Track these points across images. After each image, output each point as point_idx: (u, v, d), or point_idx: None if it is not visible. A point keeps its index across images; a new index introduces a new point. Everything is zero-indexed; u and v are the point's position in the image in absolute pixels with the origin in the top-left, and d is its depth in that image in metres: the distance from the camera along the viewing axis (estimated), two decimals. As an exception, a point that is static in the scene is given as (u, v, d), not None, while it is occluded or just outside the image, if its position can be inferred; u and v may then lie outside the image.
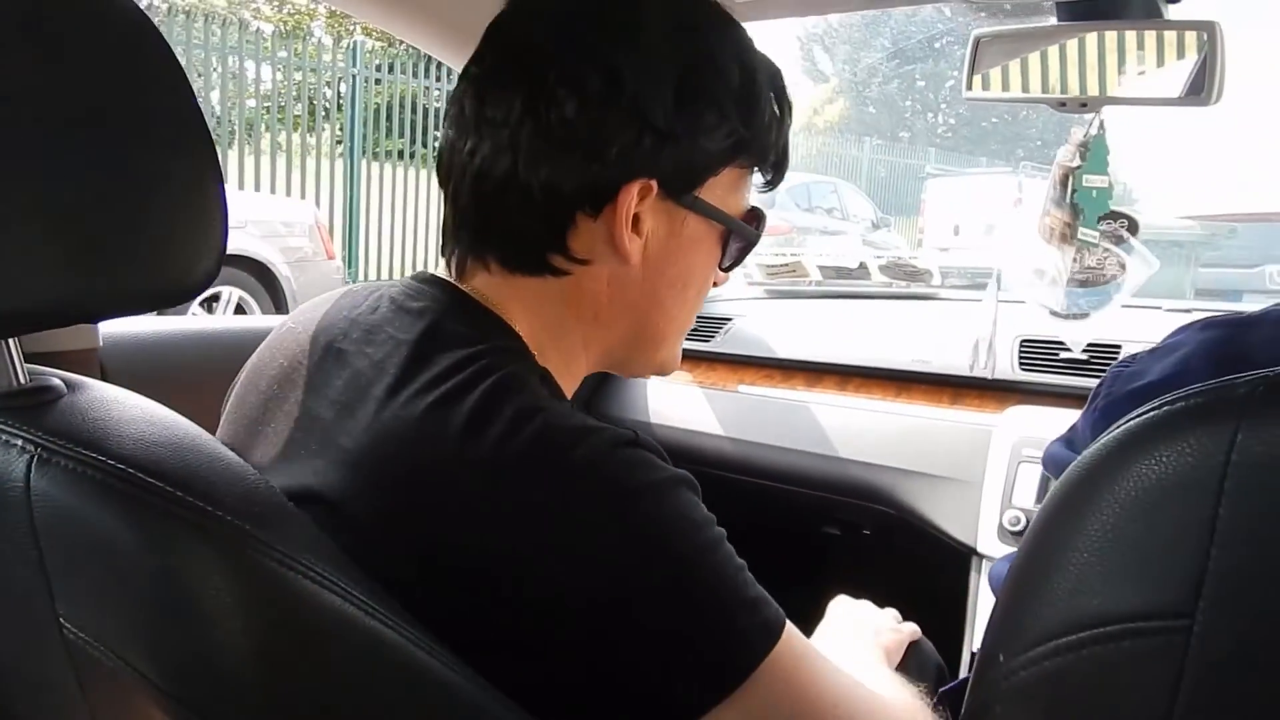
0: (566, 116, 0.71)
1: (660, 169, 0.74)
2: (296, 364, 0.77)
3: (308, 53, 8.64)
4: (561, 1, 0.76)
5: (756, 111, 0.78)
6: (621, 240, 0.74)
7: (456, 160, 0.77)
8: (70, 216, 0.55)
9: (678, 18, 0.75)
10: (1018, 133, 16.85)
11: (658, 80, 0.72)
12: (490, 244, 0.76)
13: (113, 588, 0.54)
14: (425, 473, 0.64)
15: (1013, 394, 1.55)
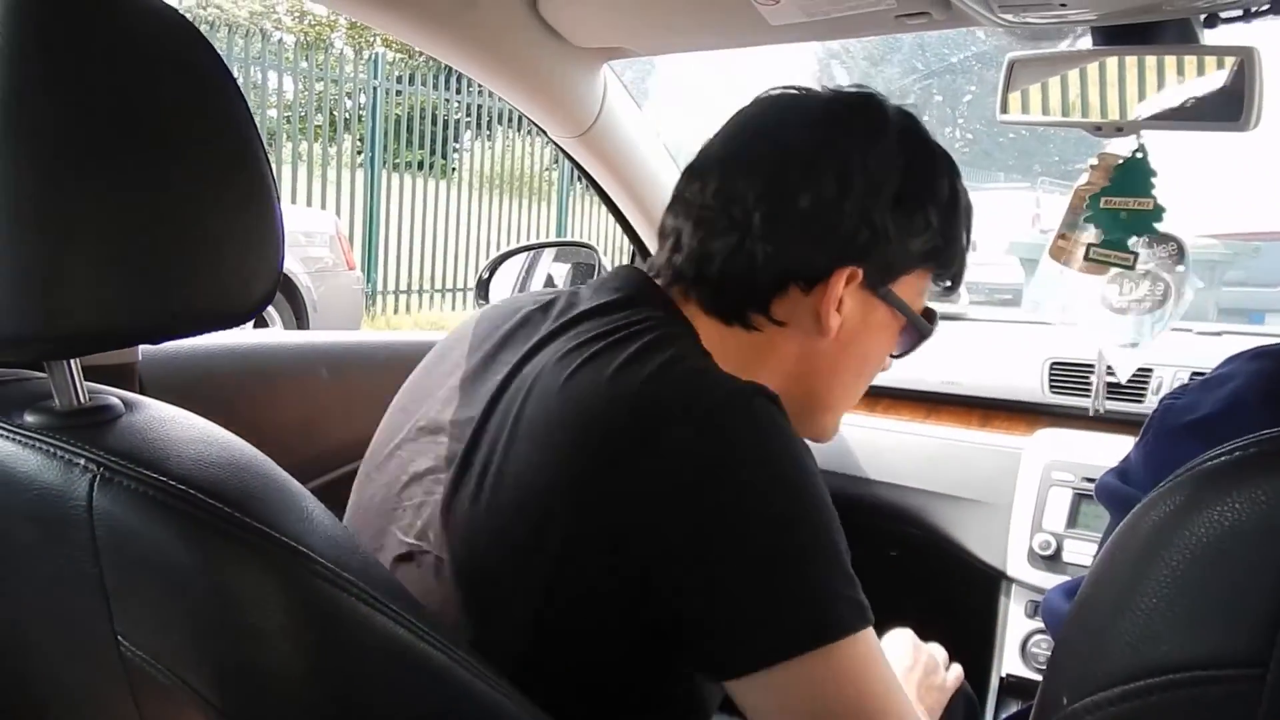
0: (800, 207, 0.82)
1: (869, 260, 0.85)
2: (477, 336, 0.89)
3: (329, 64, 8.70)
4: (807, 111, 0.88)
5: (954, 226, 0.90)
6: (827, 315, 0.84)
7: (684, 220, 0.87)
8: (133, 240, 0.55)
9: (904, 137, 0.87)
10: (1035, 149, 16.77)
11: (882, 186, 0.84)
12: (698, 287, 0.86)
13: (170, 606, 0.54)
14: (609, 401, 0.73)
15: (1042, 416, 1.55)
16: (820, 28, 1.22)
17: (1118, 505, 0.74)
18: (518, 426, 0.76)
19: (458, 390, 0.85)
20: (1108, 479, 0.77)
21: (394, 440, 0.88)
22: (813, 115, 0.88)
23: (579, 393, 0.74)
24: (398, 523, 0.82)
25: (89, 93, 0.54)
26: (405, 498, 0.83)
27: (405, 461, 0.85)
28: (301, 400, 1.41)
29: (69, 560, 0.55)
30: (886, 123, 0.87)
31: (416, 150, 9.00)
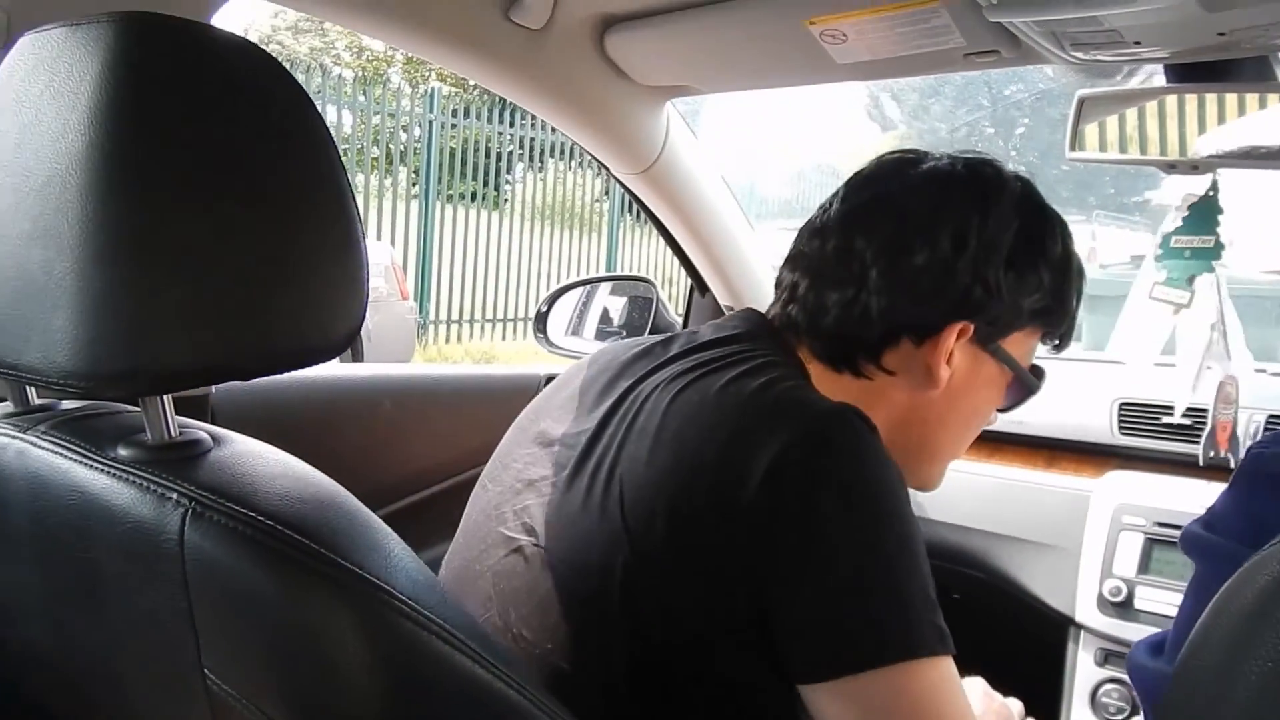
0: (916, 264, 0.85)
1: (981, 316, 0.87)
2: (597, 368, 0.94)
3: (386, 98, 8.85)
4: (924, 173, 0.91)
5: (1065, 287, 0.92)
6: (937, 367, 0.87)
7: (800, 274, 0.91)
8: (226, 279, 0.56)
9: (1020, 199, 0.90)
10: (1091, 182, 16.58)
11: (997, 246, 0.86)
12: (811, 335, 0.89)
13: (255, 640, 0.55)
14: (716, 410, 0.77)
15: (1111, 458, 1.52)
16: (886, 66, 1.22)
17: (1207, 557, 0.72)
18: (629, 434, 0.80)
19: (574, 409, 0.90)
20: (1194, 529, 0.76)
21: (511, 452, 0.93)
22: (933, 178, 0.91)
23: (687, 403, 0.79)
24: (505, 524, 0.86)
25: (184, 133, 0.55)
26: (517, 503, 0.87)
27: (519, 471, 0.89)
28: (365, 432, 1.43)
29: (161, 593, 0.56)
30: (1003, 187, 0.90)
31: (469, 182, 9.11)
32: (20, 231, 0.56)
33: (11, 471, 0.63)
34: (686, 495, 0.74)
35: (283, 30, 14.59)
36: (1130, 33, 0.99)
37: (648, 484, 0.76)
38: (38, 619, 0.66)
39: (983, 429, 0.99)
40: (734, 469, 0.72)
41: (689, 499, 0.73)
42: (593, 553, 0.77)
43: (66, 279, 0.54)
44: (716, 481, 0.73)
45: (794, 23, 1.15)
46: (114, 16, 0.55)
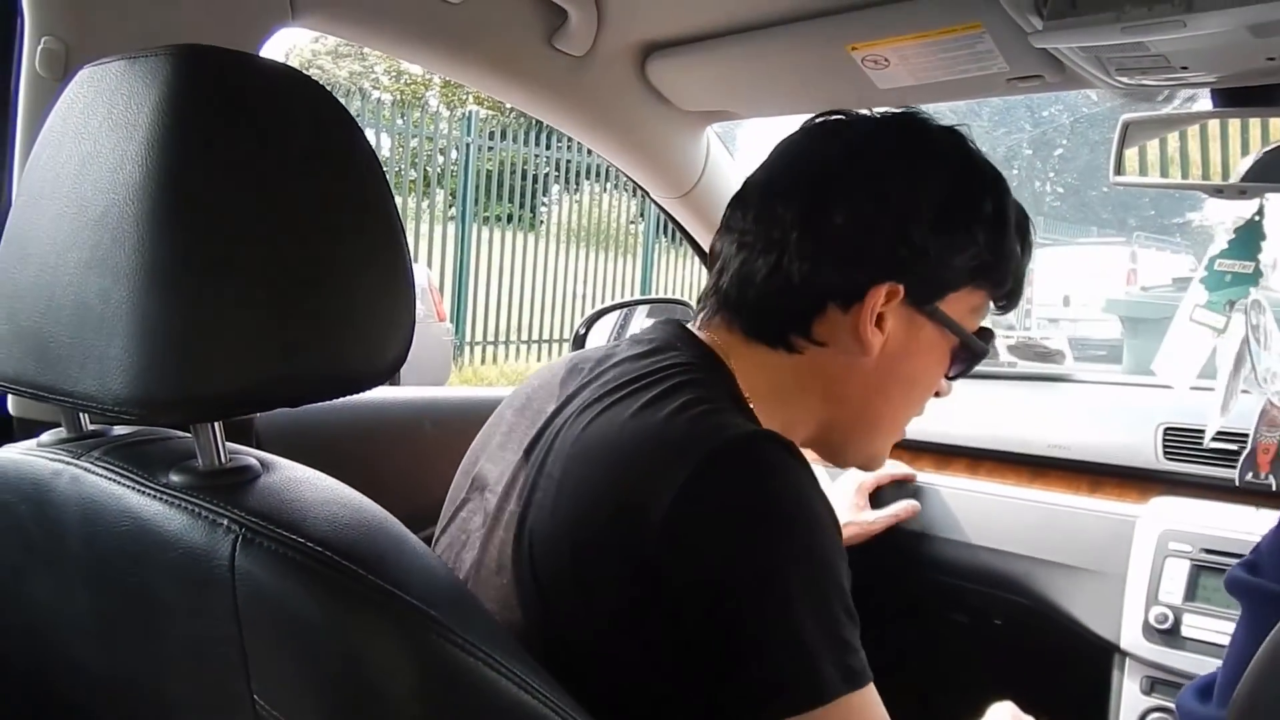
0: (835, 224, 0.82)
1: (909, 277, 0.84)
2: (534, 389, 0.90)
3: (424, 121, 8.95)
4: (845, 132, 0.89)
5: (1001, 242, 0.88)
6: (865, 332, 0.83)
7: (729, 245, 0.88)
8: (278, 307, 0.57)
9: (944, 155, 0.87)
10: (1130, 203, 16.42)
11: (921, 206, 0.83)
12: (740, 313, 0.86)
13: (304, 666, 0.55)
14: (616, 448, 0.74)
15: (1156, 484, 1.49)
16: (928, 91, 1.22)
17: (1253, 599, 0.72)
18: (539, 479, 0.77)
19: (505, 446, 0.86)
20: (1238, 573, 0.75)
21: (455, 500, 0.90)
22: (855, 138, 0.88)
23: (593, 440, 0.76)
24: None
25: (237, 163, 0.57)
26: (460, 559, 0.83)
27: (464, 521, 0.86)
28: (407, 454, 1.44)
29: (211, 619, 0.56)
30: (929, 142, 0.87)
31: (506, 204, 9.18)
32: (79, 260, 0.57)
33: (66, 497, 0.64)
34: (592, 543, 0.71)
35: (323, 55, 14.82)
36: (1177, 58, 0.98)
37: (555, 536, 0.73)
38: (90, 642, 0.67)
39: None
40: (635, 510, 0.69)
41: (594, 546, 0.70)
42: (514, 613, 0.74)
43: (123, 307, 0.55)
44: (618, 524, 0.70)
45: (836, 48, 1.16)
46: (170, 50, 0.57)
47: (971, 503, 1.59)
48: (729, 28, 1.23)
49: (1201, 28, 0.87)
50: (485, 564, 0.78)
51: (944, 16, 1.06)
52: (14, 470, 0.68)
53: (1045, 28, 0.95)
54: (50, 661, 0.72)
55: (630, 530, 0.69)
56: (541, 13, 1.23)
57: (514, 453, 0.83)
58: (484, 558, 0.79)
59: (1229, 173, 1.14)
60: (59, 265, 0.58)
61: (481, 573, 0.78)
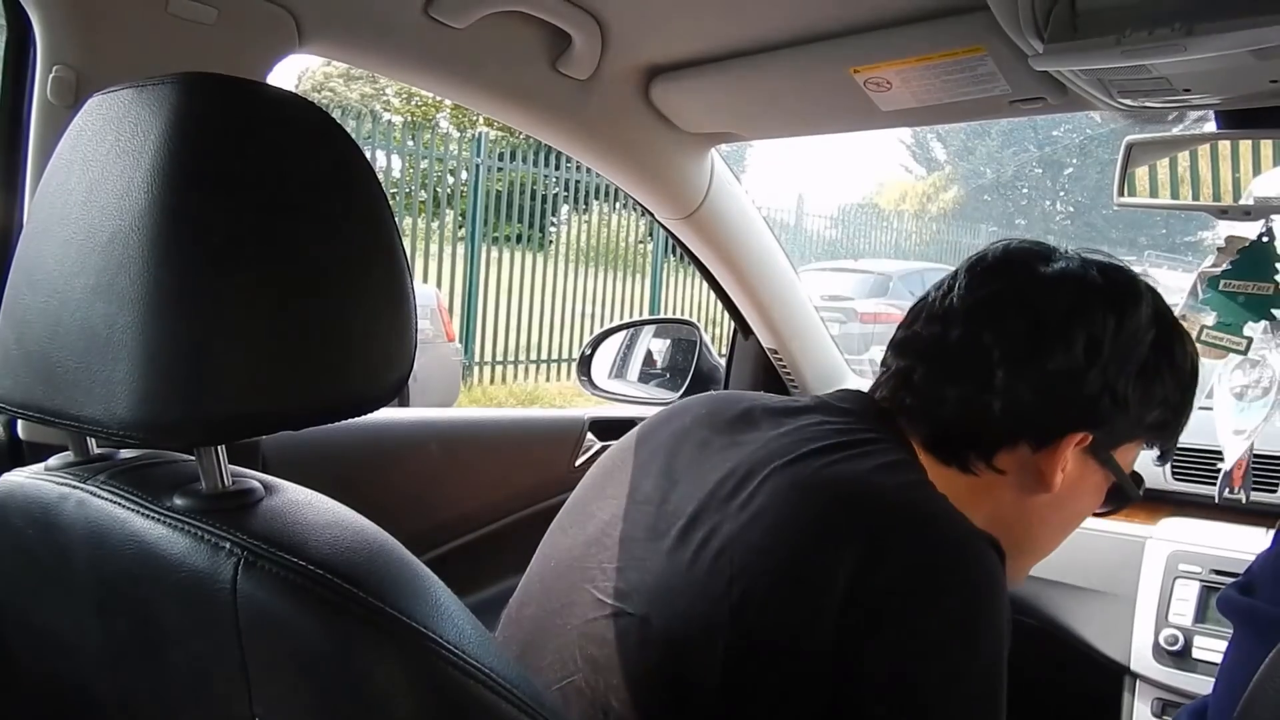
0: (1047, 369, 0.83)
1: (1103, 428, 0.85)
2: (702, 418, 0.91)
3: (434, 143, 9.00)
4: (1060, 272, 0.88)
5: (1186, 401, 0.91)
6: (1053, 475, 0.85)
7: (924, 354, 0.88)
8: (281, 330, 0.58)
9: (1154, 315, 0.88)
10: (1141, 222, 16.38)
11: (1131, 357, 0.84)
12: (923, 424, 0.86)
13: (305, 689, 0.55)
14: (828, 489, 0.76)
15: (1164, 505, 1.49)
16: (931, 113, 1.22)
17: (1245, 621, 0.71)
18: (742, 513, 0.77)
19: (663, 464, 0.88)
20: (1230, 593, 0.74)
21: (593, 500, 0.91)
22: (1066, 279, 0.87)
23: (810, 489, 0.76)
24: (594, 582, 0.83)
25: (240, 189, 0.57)
26: (605, 560, 0.84)
27: (604, 524, 0.87)
28: (412, 476, 1.44)
29: (214, 641, 0.56)
30: (1139, 295, 0.87)
31: (515, 224, 9.21)
32: (85, 286, 0.58)
33: (72, 520, 0.64)
34: (794, 589, 0.71)
35: (335, 77, 14.94)
36: (1180, 80, 0.98)
37: (760, 571, 0.73)
38: (95, 664, 0.67)
39: None
40: (850, 561, 0.70)
41: (795, 593, 0.71)
42: (693, 630, 0.74)
43: (128, 333, 0.55)
44: (822, 581, 0.70)
45: (839, 71, 1.16)
46: (176, 78, 0.58)
47: (979, 524, 1.58)
48: (732, 51, 1.24)
49: (1201, 50, 0.87)
50: (669, 578, 0.78)
51: (946, 40, 1.07)
52: (21, 494, 0.69)
53: (1046, 50, 0.95)
54: (57, 683, 0.72)
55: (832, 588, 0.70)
56: (546, 37, 1.24)
57: (693, 478, 0.84)
58: (666, 571, 0.78)
59: (1234, 194, 1.14)
60: (67, 291, 0.59)
61: (664, 585, 0.78)
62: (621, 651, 0.77)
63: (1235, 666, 0.70)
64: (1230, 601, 0.74)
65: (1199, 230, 15.73)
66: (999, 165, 17.52)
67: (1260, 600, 0.71)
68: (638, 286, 10.13)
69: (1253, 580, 0.73)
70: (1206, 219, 1.28)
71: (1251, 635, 0.70)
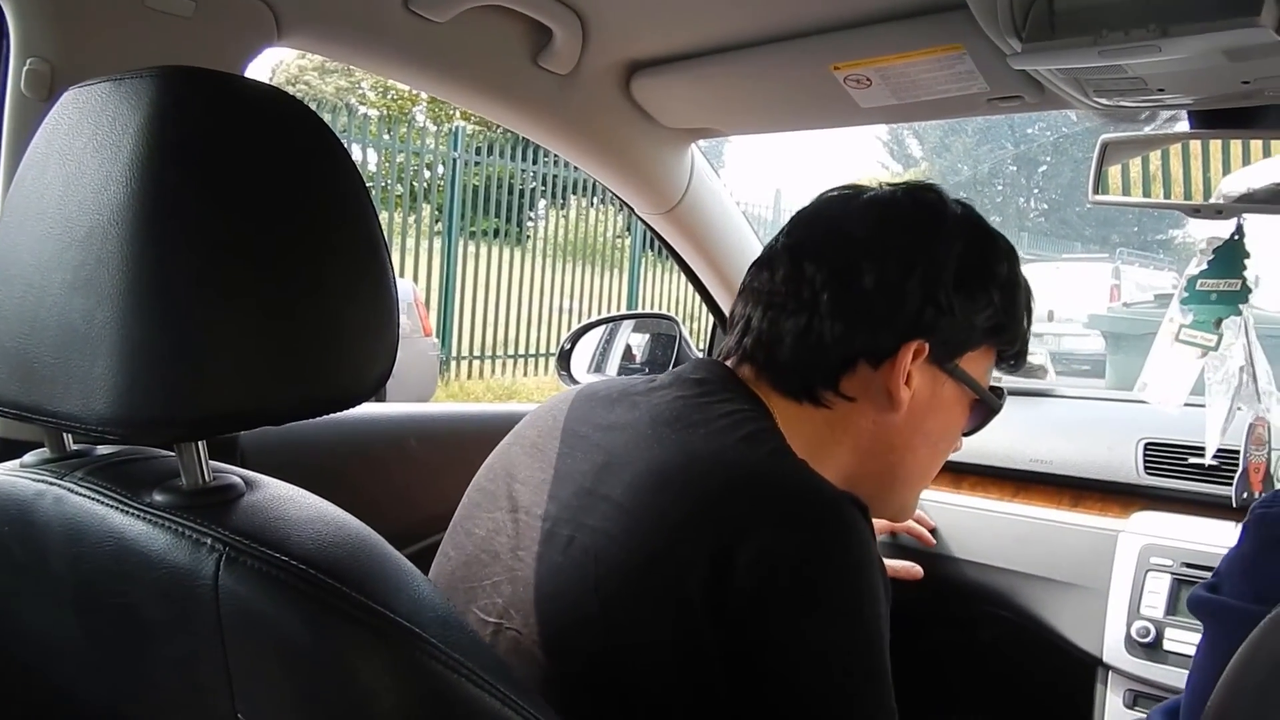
0: (865, 288, 0.87)
1: (934, 336, 0.88)
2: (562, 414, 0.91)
3: (410, 137, 8.95)
4: (870, 202, 0.93)
5: (1014, 303, 0.94)
6: (897, 389, 0.88)
7: (752, 306, 0.92)
8: (263, 327, 0.57)
9: (963, 223, 0.93)
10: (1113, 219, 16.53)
11: (944, 266, 0.88)
12: (767, 364, 0.90)
13: (288, 685, 0.55)
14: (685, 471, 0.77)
15: (1137, 499, 1.50)
16: (910, 110, 1.23)
17: (1214, 619, 0.72)
18: (601, 503, 0.78)
19: (540, 469, 0.87)
20: (1201, 593, 0.76)
21: (473, 516, 0.90)
22: (875, 205, 0.93)
23: (663, 467, 0.77)
24: (477, 601, 0.83)
25: (221, 183, 0.57)
26: (486, 576, 0.84)
27: (484, 539, 0.86)
28: (391, 470, 1.44)
29: (195, 638, 0.56)
30: (945, 210, 0.92)
31: (492, 219, 9.18)
32: (62, 281, 0.57)
33: (49, 517, 0.64)
34: (658, 580, 0.72)
35: (309, 71, 14.82)
36: (1154, 80, 0.99)
37: (622, 566, 0.74)
38: (75, 663, 0.67)
39: (950, 457, 1.01)
40: (711, 558, 0.71)
41: (660, 584, 0.72)
42: (568, 633, 0.75)
43: (107, 328, 0.55)
44: (687, 569, 0.71)
45: (819, 68, 1.17)
46: (154, 71, 0.57)
47: (955, 517, 1.60)
48: (713, 47, 1.24)
49: (1176, 52, 0.88)
50: (540, 587, 0.79)
51: (925, 38, 1.07)
52: None
53: (1024, 50, 0.96)
54: (35, 683, 0.71)
55: (705, 570, 0.70)
56: (527, 32, 1.23)
57: (560, 480, 0.84)
58: (530, 578, 0.79)
59: (1206, 193, 1.16)
60: (44, 286, 0.58)
61: (536, 595, 0.79)
62: (514, 667, 0.76)
63: (1206, 663, 0.71)
64: (1199, 599, 0.75)
65: (1170, 228, 15.90)
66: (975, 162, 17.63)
67: (1226, 597, 0.72)
68: (616, 281, 10.12)
69: (1219, 581, 0.74)
70: (1177, 218, 1.31)
71: (1219, 632, 0.72)
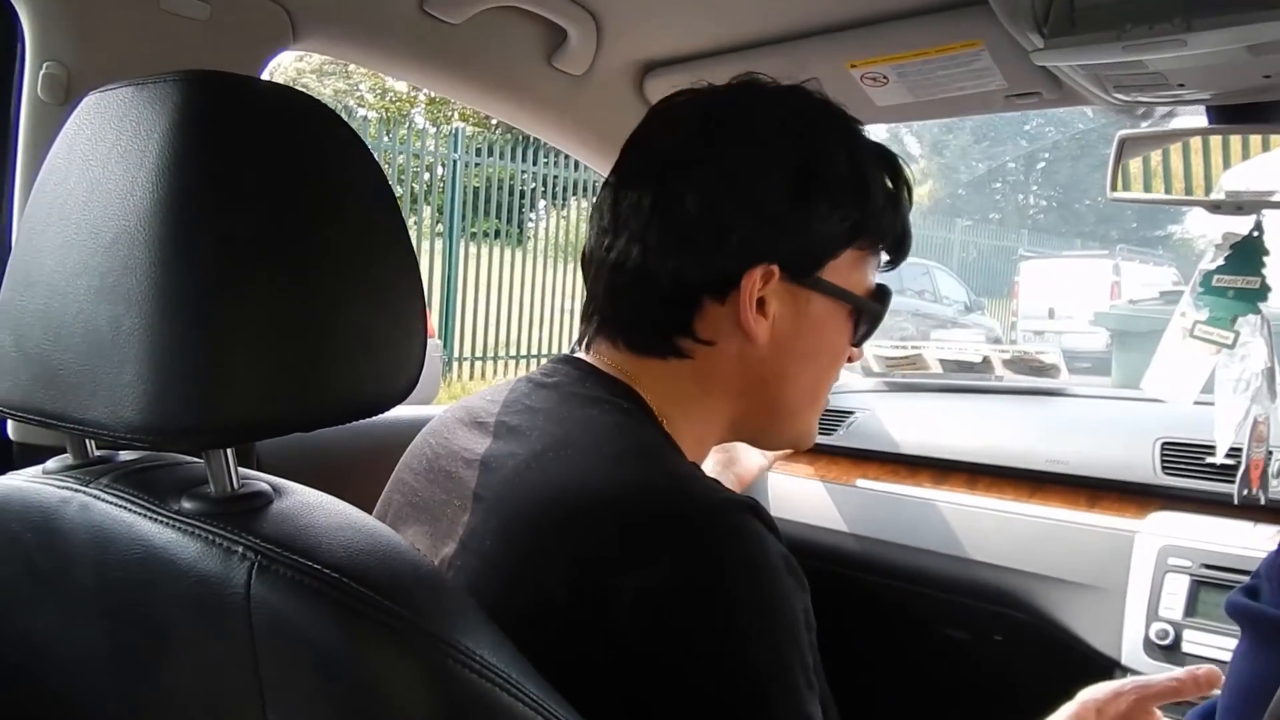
0: (689, 212, 0.78)
1: (780, 255, 0.79)
2: (442, 439, 0.85)
3: (410, 138, 8.96)
4: (684, 111, 0.84)
5: (869, 195, 0.83)
6: (748, 322, 0.79)
7: (595, 256, 0.84)
8: (291, 333, 0.57)
9: (786, 119, 0.82)
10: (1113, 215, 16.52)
11: (771, 177, 0.79)
12: (619, 328, 0.83)
13: (321, 694, 0.54)
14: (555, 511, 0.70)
15: (1154, 499, 1.50)
16: (927, 108, 1.22)
17: (1255, 626, 0.71)
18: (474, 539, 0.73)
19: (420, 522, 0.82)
20: (1239, 598, 0.75)
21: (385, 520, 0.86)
22: (688, 115, 0.84)
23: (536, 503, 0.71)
24: None
25: (248, 188, 0.56)
26: None
27: None
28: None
29: (226, 647, 0.55)
30: (769, 106, 0.83)
31: (493, 220, 9.18)
32: (88, 287, 0.56)
33: (74, 525, 0.63)
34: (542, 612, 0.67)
35: (308, 73, 14.82)
36: (1175, 76, 0.99)
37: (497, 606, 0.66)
38: (100, 672, 0.66)
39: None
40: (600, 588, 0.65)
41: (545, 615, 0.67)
42: None
43: (134, 334, 0.54)
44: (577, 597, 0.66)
45: (835, 66, 1.16)
46: (177, 75, 0.57)
47: (970, 518, 1.59)
48: (727, 46, 1.23)
49: (1201, 46, 0.87)
50: None
51: (943, 34, 1.07)
52: (20, 498, 0.68)
53: (1046, 46, 0.95)
54: (59, 694, 0.71)
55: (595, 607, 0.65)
56: (541, 32, 1.23)
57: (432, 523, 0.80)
58: None
59: (1225, 188, 1.15)
60: (68, 292, 0.58)
61: None
62: None
63: (1242, 668, 0.71)
64: (1238, 606, 0.74)
65: (1169, 224, 15.91)
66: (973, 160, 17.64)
67: (1264, 603, 0.71)
68: (616, 282, 10.12)
69: (1259, 584, 0.73)
70: (1177, 214, 1.30)
71: (1256, 638, 0.71)
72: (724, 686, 0.64)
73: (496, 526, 0.72)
